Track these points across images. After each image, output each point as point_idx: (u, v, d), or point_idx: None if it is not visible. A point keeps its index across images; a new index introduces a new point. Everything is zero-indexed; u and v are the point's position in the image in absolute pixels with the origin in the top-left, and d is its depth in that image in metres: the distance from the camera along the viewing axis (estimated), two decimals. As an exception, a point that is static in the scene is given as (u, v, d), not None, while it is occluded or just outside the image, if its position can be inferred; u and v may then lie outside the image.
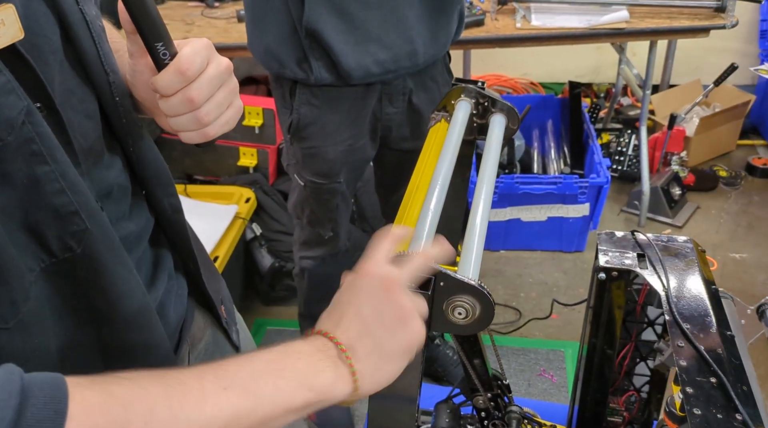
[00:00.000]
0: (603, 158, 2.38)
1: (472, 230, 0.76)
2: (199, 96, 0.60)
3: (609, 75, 3.29)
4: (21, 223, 0.51)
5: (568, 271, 2.38)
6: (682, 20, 2.17)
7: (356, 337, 0.58)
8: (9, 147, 0.49)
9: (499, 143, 1.05)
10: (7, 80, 0.49)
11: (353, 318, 0.59)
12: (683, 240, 1.26)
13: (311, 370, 0.55)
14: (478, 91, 1.07)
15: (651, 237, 1.25)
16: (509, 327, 2.13)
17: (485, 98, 1.08)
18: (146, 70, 0.62)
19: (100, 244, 0.56)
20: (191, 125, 0.62)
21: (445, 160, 0.96)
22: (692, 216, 2.63)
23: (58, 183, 0.53)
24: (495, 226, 2.43)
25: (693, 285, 1.14)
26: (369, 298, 0.60)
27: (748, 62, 3.11)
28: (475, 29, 2.19)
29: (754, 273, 2.32)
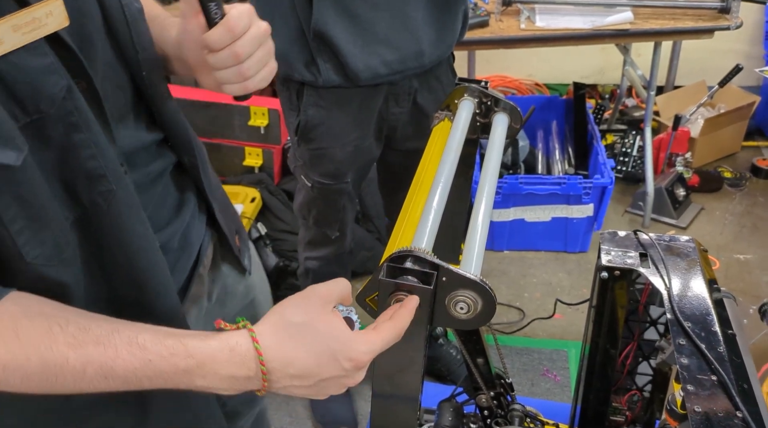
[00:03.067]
0: (607, 159, 2.38)
1: (474, 227, 0.77)
2: (244, 52, 0.68)
3: (614, 76, 3.29)
4: (59, 180, 0.61)
5: (572, 272, 2.39)
6: (687, 21, 2.17)
7: (289, 378, 0.61)
8: (51, 118, 0.58)
9: (502, 142, 1.06)
10: (51, 62, 0.58)
11: (302, 363, 0.61)
12: (685, 240, 1.26)
13: (208, 389, 0.61)
14: (481, 90, 1.08)
15: (653, 237, 1.25)
16: (513, 327, 2.14)
17: (488, 97, 1.09)
18: (197, 29, 0.70)
19: (123, 205, 0.65)
20: (234, 78, 0.70)
21: (447, 159, 0.97)
22: (696, 217, 2.63)
23: (91, 149, 0.62)
24: (499, 226, 2.44)
25: (695, 285, 1.15)
26: (332, 364, 0.62)
27: (753, 64, 3.11)
28: (479, 30, 2.20)
29: (759, 273, 2.32)
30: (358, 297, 0.69)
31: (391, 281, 0.65)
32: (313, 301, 0.64)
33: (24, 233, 0.58)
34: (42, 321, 0.57)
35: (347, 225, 1.67)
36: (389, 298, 0.65)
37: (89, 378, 0.57)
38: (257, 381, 0.60)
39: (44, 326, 0.57)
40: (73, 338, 0.57)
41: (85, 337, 0.57)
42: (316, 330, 0.62)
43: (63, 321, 0.58)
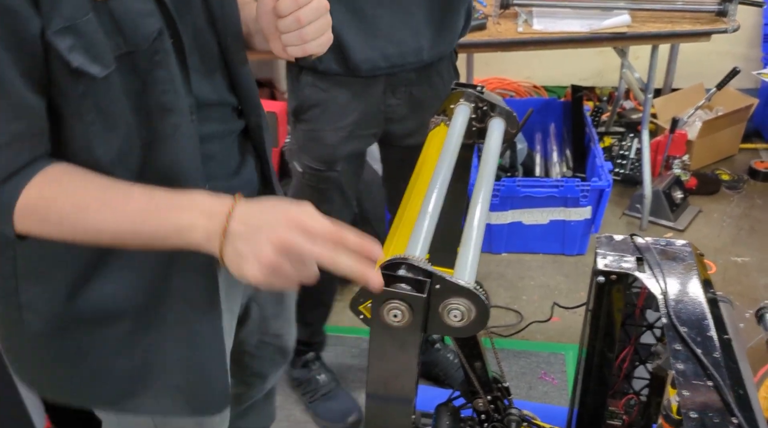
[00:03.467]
0: (605, 162, 2.38)
1: (469, 233, 0.77)
2: (305, 18, 0.83)
3: (612, 79, 3.30)
4: (140, 103, 0.77)
5: (569, 274, 2.39)
6: (684, 24, 2.17)
7: (244, 240, 0.70)
8: (142, 53, 0.74)
9: (498, 147, 1.06)
10: (151, 8, 0.74)
11: (260, 210, 0.73)
12: (681, 244, 1.26)
13: (188, 228, 0.73)
14: (477, 95, 1.08)
15: (650, 241, 1.25)
16: (510, 330, 2.14)
17: (484, 102, 1.09)
18: (270, 1, 0.85)
19: (185, 139, 0.81)
20: (296, 41, 0.85)
21: (443, 163, 0.97)
22: (694, 219, 2.63)
23: (167, 86, 0.77)
24: (497, 229, 2.44)
25: (691, 289, 1.15)
26: (278, 210, 0.73)
27: (751, 66, 3.11)
28: (477, 33, 2.20)
29: (756, 276, 2.32)
30: (351, 305, 0.69)
31: (385, 289, 0.65)
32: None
33: (97, 134, 0.74)
34: (80, 175, 0.75)
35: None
36: (383, 307, 0.65)
37: (105, 215, 0.74)
38: (223, 217, 0.71)
39: (81, 179, 0.75)
40: (102, 187, 0.75)
41: (113, 183, 0.75)
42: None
43: (96, 177, 0.75)
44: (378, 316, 0.65)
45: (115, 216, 0.74)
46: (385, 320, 0.65)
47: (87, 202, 0.74)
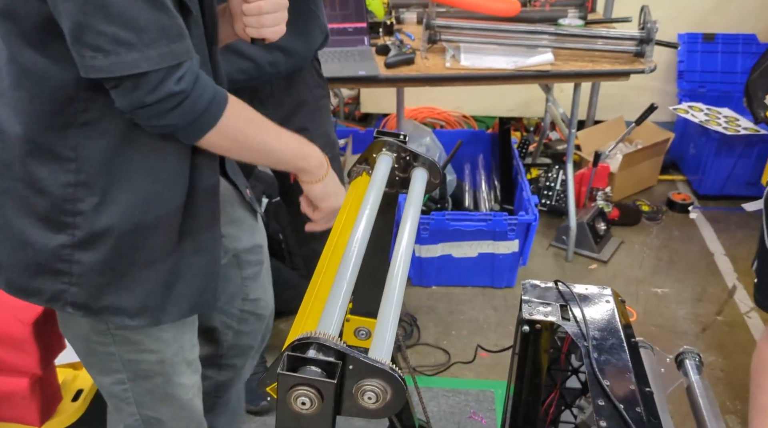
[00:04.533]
0: (531, 195, 2.41)
1: (387, 304, 0.73)
2: (266, 8, 1.05)
3: (538, 109, 3.37)
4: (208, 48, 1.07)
5: (498, 308, 2.39)
6: (604, 64, 2.24)
7: (334, 186, 1.16)
8: (195, 18, 0.99)
9: (420, 199, 1.03)
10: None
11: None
12: (603, 291, 1.27)
13: (310, 157, 1.11)
14: (399, 145, 1.06)
15: (573, 288, 1.26)
16: (439, 368, 2.12)
17: (407, 152, 1.06)
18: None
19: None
20: (254, 24, 1.07)
21: (363, 216, 0.94)
22: (617, 250, 2.70)
23: (199, 40, 1.01)
24: (427, 262, 2.43)
25: (613, 338, 1.15)
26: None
27: (667, 100, 3.25)
28: (406, 68, 2.20)
29: (675, 308, 2.39)
30: (259, 385, 0.64)
31: (290, 375, 0.60)
32: None
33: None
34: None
35: None
36: (289, 393, 0.60)
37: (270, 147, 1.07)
38: (326, 163, 1.13)
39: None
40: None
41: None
42: None
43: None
44: (285, 403, 0.60)
45: (279, 137, 1.06)
46: (293, 407, 0.60)
47: (265, 122, 1.04)
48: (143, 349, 1.11)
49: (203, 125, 0.95)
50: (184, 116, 0.92)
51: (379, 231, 1.06)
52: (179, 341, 1.14)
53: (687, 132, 3.15)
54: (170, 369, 1.15)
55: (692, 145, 3.11)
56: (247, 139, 1.02)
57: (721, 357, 2.16)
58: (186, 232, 1.06)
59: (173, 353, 1.14)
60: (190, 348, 1.18)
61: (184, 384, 1.18)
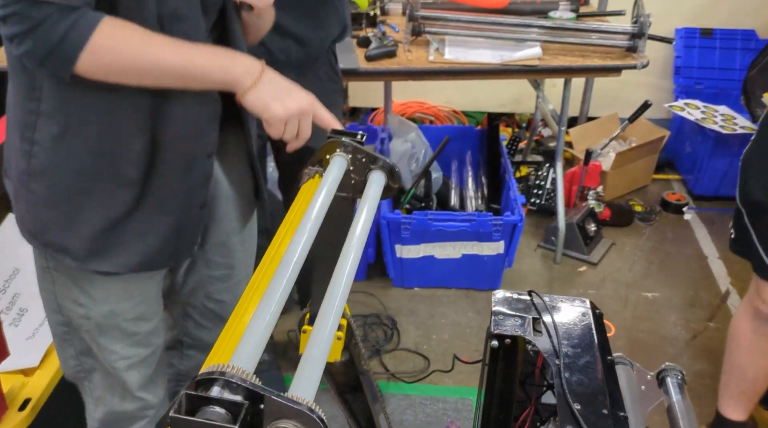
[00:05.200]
0: (519, 195, 2.32)
1: (318, 336, 0.64)
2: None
3: (530, 105, 3.28)
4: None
5: (481, 311, 2.31)
6: (595, 59, 2.15)
7: (273, 90, 1.00)
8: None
9: (374, 204, 0.95)
10: None
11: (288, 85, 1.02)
12: (580, 303, 1.19)
13: (231, 66, 0.98)
14: (355, 146, 0.97)
15: (547, 300, 1.18)
16: (417, 375, 2.03)
17: (363, 154, 0.97)
18: None
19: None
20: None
21: (307, 223, 0.85)
22: (607, 252, 2.61)
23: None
24: (408, 263, 2.34)
25: (587, 356, 1.07)
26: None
27: (663, 97, 3.15)
28: (387, 60, 2.10)
29: (666, 313, 2.30)
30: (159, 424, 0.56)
31: (181, 419, 0.51)
32: None
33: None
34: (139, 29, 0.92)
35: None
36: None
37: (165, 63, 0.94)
38: (259, 67, 0.99)
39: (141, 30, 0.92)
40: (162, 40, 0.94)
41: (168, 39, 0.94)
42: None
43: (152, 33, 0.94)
44: (183, 452, 0.52)
45: (176, 52, 0.93)
46: (191, 455, 0.51)
47: (152, 38, 0.92)
48: (74, 299, 1.10)
49: (67, 52, 0.87)
50: (38, 44, 0.87)
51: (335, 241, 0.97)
52: (111, 304, 1.10)
53: (683, 130, 3.05)
54: (96, 330, 1.12)
55: (688, 144, 3.02)
56: (134, 59, 0.91)
57: (711, 365, 2.07)
58: (150, 188, 1.02)
59: (103, 315, 1.10)
60: (130, 319, 1.13)
61: (114, 351, 1.13)
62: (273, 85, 0.98)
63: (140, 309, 1.14)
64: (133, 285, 1.10)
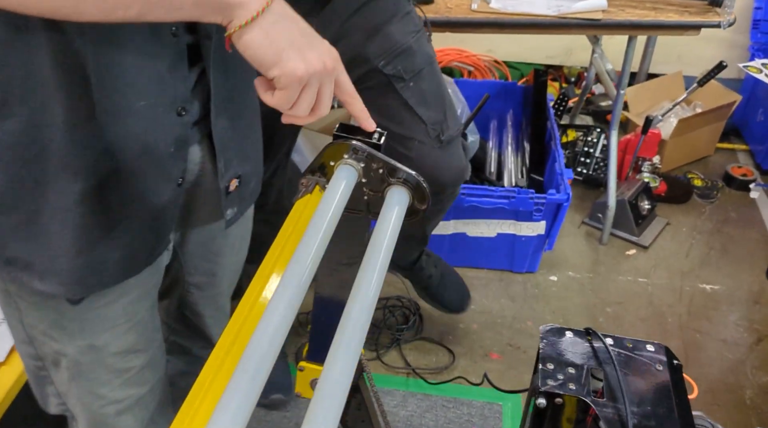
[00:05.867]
0: (566, 169, 2.03)
1: (325, 398, 0.41)
2: None
3: (583, 58, 2.92)
4: None
5: (516, 298, 2.07)
6: (670, 14, 1.80)
7: (288, 32, 0.67)
8: None
9: (394, 230, 0.69)
10: None
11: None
12: (653, 349, 0.94)
13: None
14: (371, 151, 0.70)
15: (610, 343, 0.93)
16: (439, 371, 1.81)
17: (381, 163, 0.71)
18: None
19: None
20: None
21: (309, 250, 0.61)
22: (660, 234, 2.32)
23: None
24: (437, 240, 2.09)
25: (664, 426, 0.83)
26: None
27: (737, 55, 2.78)
28: (423, 7, 1.79)
29: (725, 310, 2.03)
30: None
31: None
32: None
33: None
34: None
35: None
36: None
37: None
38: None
39: None
40: None
41: None
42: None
43: None
44: None
45: None
46: None
47: None
48: (44, 331, 0.86)
49: None
50: None
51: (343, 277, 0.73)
52: (88, 338, 0.86)
53: (756, 94, 2.69)
54: (75, 368, 0.88)
55: (761, 111, 2.65)
56: None
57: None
58: (108, 168, 0.74)
59: (79, 351, 0.87)
60: (117, 353, 0.89)
61: (101, 395, 0.91)
62: (286, 25, 0.66)
63: (129, 339, 0.90)
64: (115, 310, 0.86)
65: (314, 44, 0.68)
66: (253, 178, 0.97)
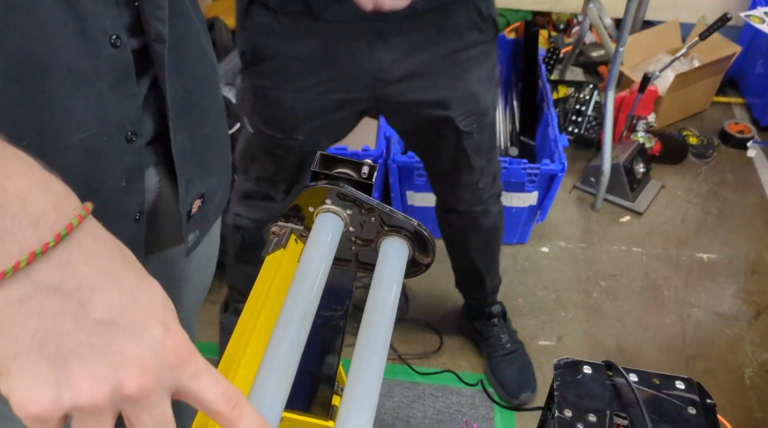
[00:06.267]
0: (560, 135, 1.89)
1: None
2: None
3: (574, 3, 2.73)
4: None
5: (506, 271, 1.96)
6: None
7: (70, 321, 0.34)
8: None
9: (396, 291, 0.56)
10: None
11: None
12: (683, 389, 0.84)
13: None
14: (360, 197, 0.55)
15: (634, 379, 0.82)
16: (427, 356, 1.72)
17: (370, 210, 0.56)
18: None
19: None
20: None
21: (286, 327, 0.47)
22: (655, 198, 2.22)
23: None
24: (422, 213, 1.96)
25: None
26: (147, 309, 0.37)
27: (735, 1, 2.61)
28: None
29: (723, 281, 1.95)
30: None
31: None
32: None
33: None
34: None
35: (299, 186, 1.34)
36: None
37: None
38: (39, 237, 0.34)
39: None
40: None
41: None
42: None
43: None
44: None
45: None
46: None
47: None
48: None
49: None
50: None
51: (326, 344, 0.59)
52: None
53: (756, 45, 2.54)
54: None
55: (761, 63, 2.51)
56: None
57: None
58: None
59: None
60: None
61: None
62: (50, 306, 0.34)
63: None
64: None
65: (113, 343, 0.35)
66: (219, 191, 0.82)
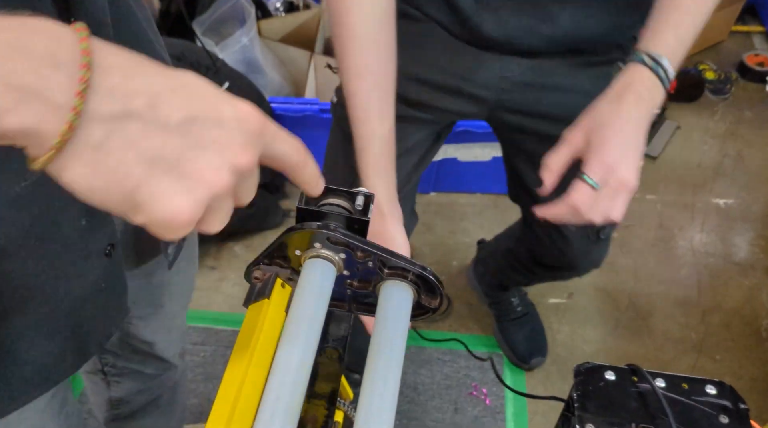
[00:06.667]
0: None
1: None
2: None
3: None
4: None
5: (513, 225, 1.88)
6: None
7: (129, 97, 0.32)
8: None
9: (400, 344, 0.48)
10: None
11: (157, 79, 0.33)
12: (715, 394, 0.77)
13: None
14: (352, 241, 0.46)
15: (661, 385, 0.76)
16: (433, 318, 1.67)
17: (366, 253, 0.47)
18: None
19: None
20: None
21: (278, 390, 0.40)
22: (670, 140, 2.11)
23: None
24: (424, 166, 1.87)
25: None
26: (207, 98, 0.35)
27: None
28: None
29: (740, 228, 1.87)
30: None
31: None
32: None
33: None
34: None
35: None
36: None
37: None
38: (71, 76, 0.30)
39: None
40: None
41: None
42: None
43: None
44: None
45: None
46: None
47: None
48: None
49: None
50: None
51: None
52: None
53: (780, -33, 2.36)
54: None
55: (785, -12, 2.34)
56: None
57: (794, 303, 1.70)
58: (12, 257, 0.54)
59: None
60: None
61: None
62: (134, 130, 0.32)
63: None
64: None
65: (204, 134, 0.34)
66: None
